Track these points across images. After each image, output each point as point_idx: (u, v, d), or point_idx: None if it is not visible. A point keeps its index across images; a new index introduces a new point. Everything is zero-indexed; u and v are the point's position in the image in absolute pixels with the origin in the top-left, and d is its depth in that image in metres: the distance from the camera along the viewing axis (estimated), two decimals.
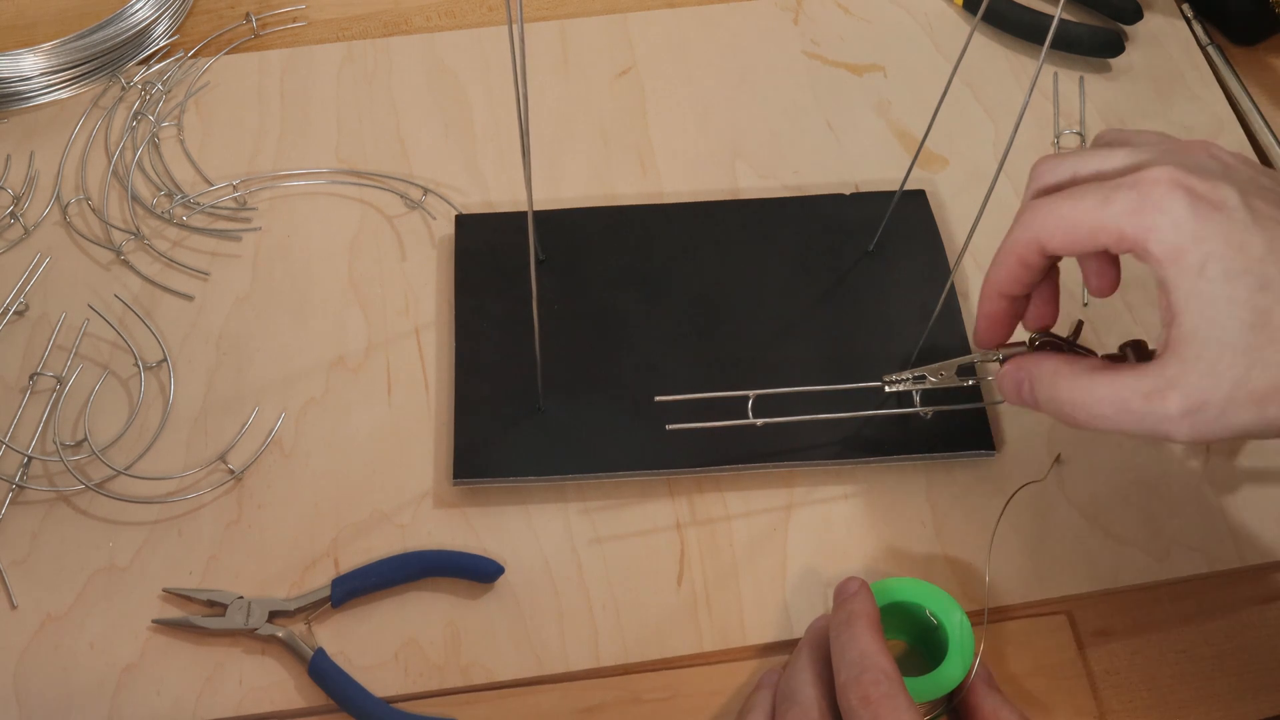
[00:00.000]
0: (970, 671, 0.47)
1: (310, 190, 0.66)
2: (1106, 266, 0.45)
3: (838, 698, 0.44)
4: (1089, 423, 0.42)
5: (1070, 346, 0.46)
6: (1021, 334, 0.48)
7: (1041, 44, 0.44)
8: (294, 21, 0.75)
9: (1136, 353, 0.44)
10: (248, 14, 0.74)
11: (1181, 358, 0.39)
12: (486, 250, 0.62)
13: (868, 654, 0.44)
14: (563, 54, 0.72)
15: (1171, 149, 0.42)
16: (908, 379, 0.53)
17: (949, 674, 0.47)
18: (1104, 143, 0.45)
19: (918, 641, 0.52)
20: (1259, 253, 0.38)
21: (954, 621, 0.48)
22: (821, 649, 0.47)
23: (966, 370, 0.52)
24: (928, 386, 0.53)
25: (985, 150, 0.68)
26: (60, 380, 0.59)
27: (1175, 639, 0.53)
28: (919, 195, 0.64)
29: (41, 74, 0.69)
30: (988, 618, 0.52)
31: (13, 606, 0.53)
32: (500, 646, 0.52)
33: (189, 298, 0.62)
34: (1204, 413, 0.39)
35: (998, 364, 0.48)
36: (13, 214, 0.65)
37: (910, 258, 0.62)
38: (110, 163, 0.67)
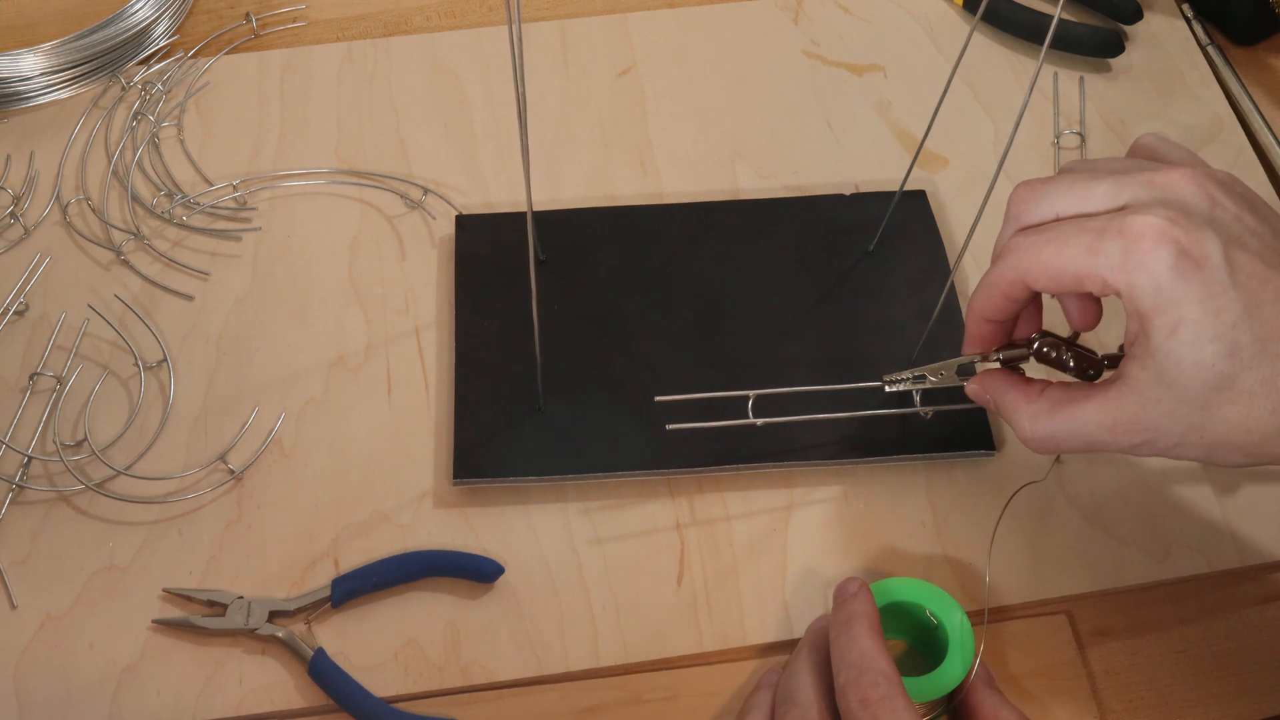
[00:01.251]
0: (970, 672, 0.47)
1: (310, 190, 0.66)
2: (1089, 304, 0.46)
3: (837, 699, 0.44)
4: (1049, 450, 0.45)
5: (1070, 346, 0.47)
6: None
7: (1041, 44, 0.44)
8: (294, 21, 0.75)
9: None
10: (248, 14, 0.74)
11: (1143, 399, 0.41)
12: (487, 251, 0.62)
13: (867, 655, 0.44)
14: (563, 54, 0.72)
15: (1157, 185, 0.41)
16: (907, 379, 0.53)
17: (949, 674, 0.47)
18: (1081, 170, 0.45)
19: (917, 641, 0.52)
20: (1232, 318, 0.39)
21: (954, 621, 0.48)
22: (821, 650, 0.47)
23: (966, 370, 0.52)
24: (928, 386, 0.53)
25: (985, 150, 0.68)
26: (60, 380, 0.59)
27: (1175, 639, 0.53)
28: (919, 195, 0.64)
29: (41, 74, 0.69)
30: (988, 618, 0.52)
31: (13, 606, 0.53)
32: (500, 646, 0.52)
33: (189, 298, 0.62)
34: (1158, 444, 0.42)
35: (997, 363, 0.48)
36: (13, 214, 0.65)
37: (910, 258, 0.62)
38: (110, 163, 0.67)
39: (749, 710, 0.47)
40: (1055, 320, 0.49)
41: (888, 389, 0.54)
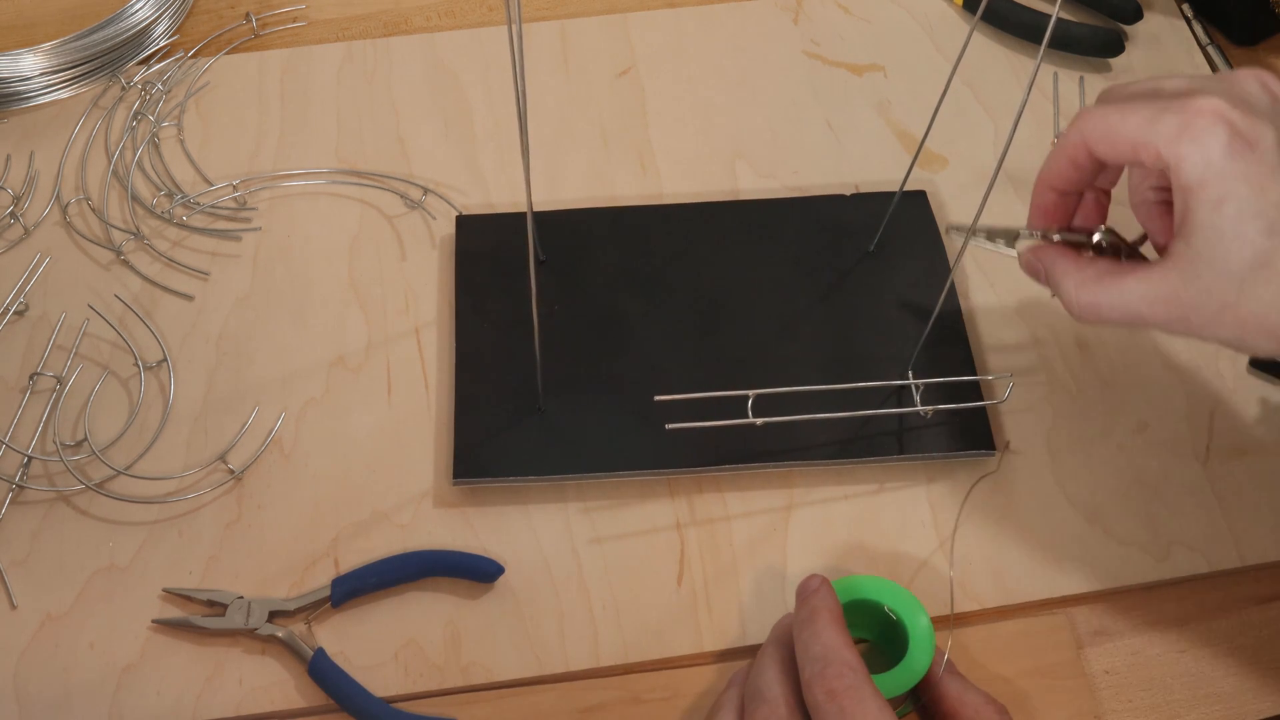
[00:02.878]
0: (933, 666, 0.47)
1: (310, 190, 0.66)
2: (1169, 222, 0.47)
3: (804, 693, 0.44)
4: (1093, 319, 0.46)
5: (1131, 248, 0.47)
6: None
7: (1041, 44, 0.44)
8: (294, 21, 0.75)
9: None
10: (248, 14, 0.74)
11: (1183, 274, 0.42)
12: (487, 251, 0.62)
13: (831, 648, 0.44)
14: (563, 54, 0.72)
15: (1225, 80, 0.44)
16: (970, 231, 0.51)
17: (911, 669, 0.47)
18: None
19: (881, 639, 0.51)
20: (1277, 198, 0.40)
21: (914, 617, 0.48)
22: (787, 646, 0.47)
23: (1016, 239, 0.50)
24: (985, 247, 0.51)
25: (985, 150, 0.68)
26: (60, 380, 0.59)
27: (1175, 639, 0.53)
28: (919, 195, 0.64)
29: (41, 74, 0.69)
30: (953, 620, 0.52)
31: (13, 606, 0.53)
32: (500, 646, 0.52)
33: (189, 298, 0.62)
34: (1193, 321, 0.43)
35: (1054, 241, 0.48)
36: (13, 214, 0.65)
37: (910, 258, 0.62)
38: (110, 163, 0.67)
39: (719, 708, 0.47)
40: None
41: (947, 231, 0.52)
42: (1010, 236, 0.50)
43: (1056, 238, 0.48)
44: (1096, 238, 0.47)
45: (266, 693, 0.51)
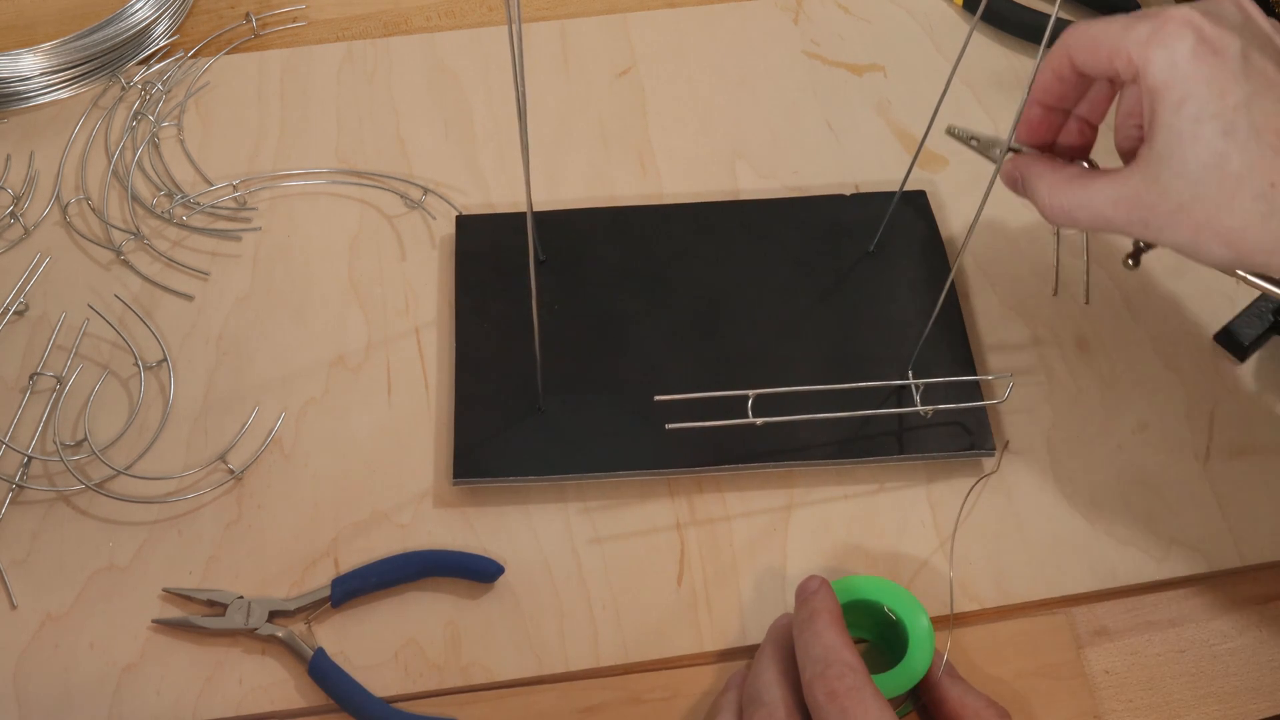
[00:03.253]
0: (933, 666, 0.47)
1: (310, 190, 0.66)
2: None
3: (804, 694, 0.44)
4: (1064, 221, 0.48)
5: None
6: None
7: (1041, 44, 0.45)
8: (294, 21, 0.75)
9: None
10: (248, 14, 0.74)
11: (1145, 175, 0.44)
12: (487, 250, 0.62)
13: (831, 649, 0.44)
14: (563, 54, 0.72)
15: (1205, 2, 0.45)
16: (969, 136, 0.53)
17: (911, 670, 0.47)
18: None
19: (880, 639, 0.52)
20: (1235, 102, 0.41)
21: (914, 617, 0.48)
22: (785, 648, 0.47)
23: (1006, 153, 0.52)
24: (974, 147, 0.53)
25: None
26: (60, 380, 0.59)
27: (1175, 639, 0.53)
28: (919, 195, 0.64)
29: (41, 74, 0.69)
30: (953, 620, 0.52)
31: (13, 606, 0.53)
32: (500, 646, 0.52)
33: (189, 298, 0.62)
34: (1152, 223, 0.44)
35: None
36: (13, 214, 0.65)
37: (910, 258, 0.62)
38: (110, 163, 0.67)
39: (718, 711, 0.47)
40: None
41: (947, 131, 0.54)
42: (1001, 148, 0.52)
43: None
44: (1082, 164, 0.49)
45: (266, 693, 0.51)
